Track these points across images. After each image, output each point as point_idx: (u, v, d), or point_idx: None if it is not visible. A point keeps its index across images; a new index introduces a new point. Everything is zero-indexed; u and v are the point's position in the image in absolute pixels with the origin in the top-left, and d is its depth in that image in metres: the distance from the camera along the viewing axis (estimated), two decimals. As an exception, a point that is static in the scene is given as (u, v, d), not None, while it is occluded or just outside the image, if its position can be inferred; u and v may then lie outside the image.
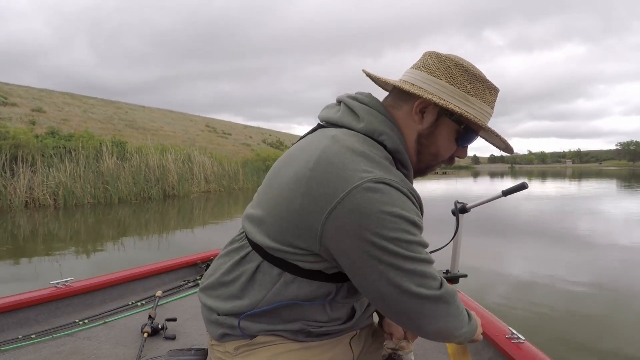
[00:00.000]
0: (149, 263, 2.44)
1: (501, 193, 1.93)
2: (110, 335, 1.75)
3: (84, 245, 6.66)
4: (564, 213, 10.87)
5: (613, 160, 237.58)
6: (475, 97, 0.81)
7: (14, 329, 1.72)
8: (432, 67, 0.82)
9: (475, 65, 0.84)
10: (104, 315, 1.92)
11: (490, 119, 0.84)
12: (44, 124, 18.01)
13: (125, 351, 1.60)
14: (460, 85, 0.80)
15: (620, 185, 23.94)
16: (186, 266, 2.53)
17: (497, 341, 1.46)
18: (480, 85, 0.81)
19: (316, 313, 0.87)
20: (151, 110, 35.79)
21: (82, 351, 1.59)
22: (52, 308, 1.87)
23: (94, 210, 10.78)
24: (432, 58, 0.83)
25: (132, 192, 12.94)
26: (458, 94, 0.80)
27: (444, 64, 0.81)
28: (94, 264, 5.43)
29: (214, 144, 27.47)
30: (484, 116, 0.82)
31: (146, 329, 1.70)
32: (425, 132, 0.83)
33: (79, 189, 11.57)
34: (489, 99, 0.83)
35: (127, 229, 8.41)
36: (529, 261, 5.56)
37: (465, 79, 0.81)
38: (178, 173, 14.98)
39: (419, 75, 0.82)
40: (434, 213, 3.66)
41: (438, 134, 0.83)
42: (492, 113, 0.84)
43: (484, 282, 4.45)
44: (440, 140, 0.83)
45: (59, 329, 1.74)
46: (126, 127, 24.00)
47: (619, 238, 7.17)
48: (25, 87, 26.44)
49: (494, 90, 0.84)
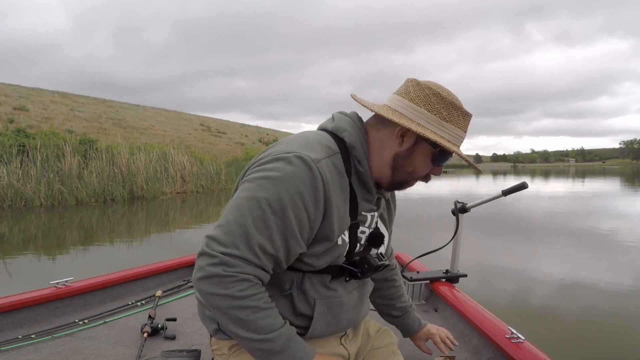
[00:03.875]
0: (149, 263, 2.44)
1: (501, 193, 1.93)
2: (110, 335, 1.75)
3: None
4: (570, 213, 10.83)
5: (616, 158, 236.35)
6: (449, 122, 0.91)
7: (13, 328, 1.72)
8: (413, 95, 0.91)
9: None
10: (103, 315, 1.92)
11: (462, 141, 0.95)
12: (23, 122, 17.51)
13: (125, 351, 1.61)
14: (437, 112, 0.90)
15: (624, 184, 23.81)
16: (186, 266, 2.53)
17: (497, 341, 1.46)
18: (455, 112, 0.91)
19: (282, 306, 0.93)
20: (144, 108, 35.60)
21: (82, 351, 1.59)
22: (51, 308, 1.87)
23: (47, 213, 9.89)
24: (413, 85, 0.92)
25: (93, 193, 11.97)
26: (435, 121, 0.90)
27: (423, 91, 0.91)
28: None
29: (205, 143, 27.09)
30: (457, 139, 0.93)
31: (146, 328, 1.70)
32: (403, 154, 0.93)
33: (29, 190, 10.69)
34: (462, 124, 0.93)
35: (66, 235, 7.38)
36: (529, 261, 5.53)
37: (442, 106, 0.90)
38: (147, 173, 13.86)
39: (401, 102, 0.92)
40: (435, 213, 3.64)
41: (415, 156, 0.93)
42: (464, 136, 0.95)
43: (484, 281, 4.44)
44: (417, 161, 0.94)
45: (59, 329, 1.75)
46: (113, 126, 23.50)
47: (624, 237, 7.14)
48: (14, 86, 26.36)
49: (467, 116, 0.93)
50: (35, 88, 27.66)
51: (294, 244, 0.85)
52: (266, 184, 0.82)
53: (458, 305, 1.87)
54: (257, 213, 0.81)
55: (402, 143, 0.92)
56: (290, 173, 0.83)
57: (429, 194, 16.16)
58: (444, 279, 2.19)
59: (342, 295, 0.98)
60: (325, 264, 0.92)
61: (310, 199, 0.83)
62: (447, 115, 0.90)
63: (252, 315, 0.82)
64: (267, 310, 0.84)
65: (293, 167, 0.83)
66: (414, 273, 2.22)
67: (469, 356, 1.59)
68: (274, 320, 0.85)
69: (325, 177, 0.85)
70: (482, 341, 1.60)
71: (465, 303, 1.86)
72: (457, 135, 0.92)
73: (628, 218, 9.72)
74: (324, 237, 0.89)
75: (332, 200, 0.86)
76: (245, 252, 0.80)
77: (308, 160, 0.84)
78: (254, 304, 0.82)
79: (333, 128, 0.96)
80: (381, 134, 0.94)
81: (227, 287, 0.80)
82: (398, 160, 0.93)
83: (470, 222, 2.68)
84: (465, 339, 1.72)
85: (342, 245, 0.93)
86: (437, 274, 2.20)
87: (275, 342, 0.84)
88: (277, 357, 0.84)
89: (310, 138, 0.92)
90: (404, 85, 0.95)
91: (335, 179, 0.88)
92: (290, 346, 0.85)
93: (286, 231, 0.83)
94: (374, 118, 0.97)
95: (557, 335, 3.09)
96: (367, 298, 1.13)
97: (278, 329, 0.84)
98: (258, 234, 0.81)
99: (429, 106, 0.90)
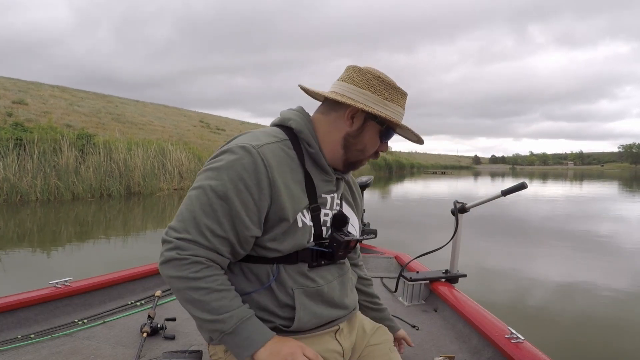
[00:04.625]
0: (148, 262, 2.43)
1: (500, 193, 1.93)
2: (110, 335, 1.74)
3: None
4: (568, 215, 10.86)
5: (615, 162, 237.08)
6: (391, 102, 1.00)
7: (12, 328, 1.71)
8: (356, 79, 1.00)
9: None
10: (103, 315, 1.92)
11: (403, 117, 1.04)
12: (22, 116, 17.32)
13: (125, 351, 1.60)
14: (380, 93, 0.99)
15: (622, 188, 23.89)
16: None
17: (497, 341, 1.46)
18: (394, 92, 1.01)
19: (266, 299, 0.97)
20: (144, 104, 35.45)
21: (82, 351, 1.58)
22: (51, 308, 1.86)
23: (42, 207, 9.78)
24: (355, 71, 1.01)
25: (90, 188, 11.83)
26: (379, 101, 0.99)
27: (365, 76, 1.00)
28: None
29: (204, 140, 27.06)
30: (399, 116, 1.02)
31: (145, 328, 1.70)
32: (354, 133, 1.01)
33: (24, 184, 10.63)
34: (401, 102, 1.03)
35: (61, 230, 7.36)
36: (528, 262, 5.55)
37: (383, 87, 0.99)
38: (145, 169, 13.73)
39: (347, 87, 1.00)
40: (434, 213, 3.64)
41: (365, 134, 1.02)
42: (403, 113, 1.04)
43: (484, 281, 4.45)
44: (367, 139, 1.02)
45: (58, 329, 1.74)
46: (112, 121, 23.35)
47: (625, 240, 7.16)
48: (14, 80, 26.14)
49: (404, 94, 1.03)
50: (35, 82, 27.49)
51: (242, 227, 0.90)
52: (211, 174, 0.90)
53: (457, 305, 1.87)
54: (204, 199, 0.88)
55: (352, 124, 1.00)
56: (232, 160, 0.90)
57: (428, 194, 16.19)
58: (444, 279, 2.20)
59: (321, 285, 1.01)
60: (290, 247, 0.95)
61: (252, 182, 0.89)
62: (388, 95, 0.99)
63: (206, 296, 0.87)
64: (222, 292, 0.88)
65: (235, 156, 0.90)
66: (413, 273, 2.22)
67: (468, 356, 1.60)
68: (228, 303, 0.88)
69: (267, 159, 0.90)
70: (482, 341, 1.60)
71: (464, 303, 1.86)
72: (399, 112, 1.02)
73: (626, 222, 9.75)
74: (278, 218, 0.93)
75: (277, 181, 0.91)
76: (196, 235, 0.87)
77: (248, 147, 0.91)
78: (207, 285, 0.87)
79: (279, 120, 1.05)
80: (330, 117, 1.02)
81: (182, 269, 0.86)
82: (349, 140, 1.01)
83: (469, 223, 2.68)
84: (464, 339, 1.72)
85: (304, 228, 0.97)
86: (437, 274, 2.20)
87: (227, 323, 0.87)
88: (231, 338, 0.88)
89: (256, 132, 1.00)
90: (345, 72, 1.04)
91: (283, 161, 0.94)
92: (244, 328, 0.88)
93: (232, 213, 0.88)
94: (322, 106, 1.06)
95: (556, 336, 3.10)
96: (352, 290, 1.15)
97: (231, 311, 0.88)
98: (206, 218, 0.88)
99: (372, 88, 0.99)
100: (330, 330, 1.05)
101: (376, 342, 1.14)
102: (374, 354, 1.11)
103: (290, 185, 0.94)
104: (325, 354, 1.01)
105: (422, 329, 1.87)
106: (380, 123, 1.00)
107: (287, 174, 0.94)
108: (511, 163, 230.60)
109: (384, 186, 22.88)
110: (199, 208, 0.88)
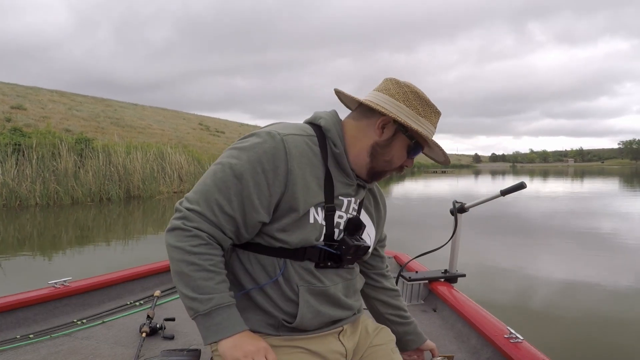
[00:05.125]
0: (147, 263, 2.44)
1: (499, 193, 1.93)
2: (109, 335, 1.75)
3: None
4: (565, 212, 10.85)
5: (615, 159, 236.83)
6: (424, 118, 1.00)
7: (12, 328, 1.72)
8: (393, 91, 1.00)
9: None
10: (102, 315, 1.92)
11: (433, 136, 1.03)
12: (21, 121, 17.39)
13: (124, 351, 1.60)
14: (414, 107, 0.99)
15: (623, 184, 23.87)
16: None
17: (496, 341, 1.46)
18: (428, 109, 1.00)
19: (273, 292, 0.97)
20: (143, 108, 35.54)
21: (81, 351, 1.59)
22: (50, 308, 1.87)
23: (42, 212, 9.78)
24: (393, 84, 1.01)
25: (89, 192, 11.86)
26: (412, 115, 0.98)
27: (402, 89, 1.00)
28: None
29: (204, 142, 27.19)
30: (429, 134, 1.01)
31: (144, 328, 1.70)
32: (382, 143, 1.01)
33: (24, 189, 10.64)
34: (434, 120, 1.02)
35: (61, 235, 7.34)
36: (528, 261, 5.54)
37: (418, 102, 0.99)
38: (144, 172, 13.75)
39: (382, 97, 1.00)
40: (434, 213, 3.64)
41: (393, 146, 1.01)
42: (434, 131, 1.03)
43: (483, 281, 4.45)
44: (395, 151, 1.01)
45: (57, 329, 1.74)
46: (111, 125, 23.47)
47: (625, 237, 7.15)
48: (12, 85, 26.24)
49: (437, 113, 1.03)
50: (34, 87, 27.59)
51: (250, 208, 0.91)
52: (234, 152, 0.93)
53: (457, 305, 1.87)
54: (220, 175, 0.91)
55: (382, 133, 1.00)
56: (256, 143, 0.92)
57: (428, 193, 16.18)
58: (443, 279, 2.19)
59: (327, 285, 1.01)
60: (298, 241, 0.94)
61: (270, 167, 0.90)
62: (422, 111, 0.99)
63: (195, 273, 0.87)
64: (210, 273, 0.89)
65: (259, 139, 0.93)
66: (412, 273, 2.22)
67: (467, 356, 1.59)
68: (213, 285, 0.89)
69: (289, 148, 0.92)
70: (481, 341, 1.60)
71: (464, 303, 1.86)
72: (430, 130, 1.01)
73: (627, 218, 9.74)
74: (288, 207, 0.93)
75: (295, 171, 0.92)
76: (205, 208, 0.89)
77: (274, 133, 0.93)
78: (199, 262, 0.88)
79: (311, 118, 1.06)
80: (361, 124, 1.02)
81: (182, 240, 0.88)
82: (377, 149, 1.01)
83: (469, 222, 2.67)
84: (463, 339, 1.72)
85: (315, 225, 0.96)
86: (436, 274, 2.20)
87: (203, 304, 0.88)
88: (204, 320, 0.89)
89: (287, 123, 1.02)
90: (383, 83, 1.04)
91: (304, 154, 0.94)
92: (218, 314, 0.89)
93: (243, 193, 0.90)
94: (355, 112, 1.06)
95: (555, 335, 3.09)
96: (358, 294, 1.15)
97: (212, 294, 0.88)
98: (217, 193, 0.90)
99: (407, 102, 0.98)
100: (334, 331, 1.05)
101: (379, 342, 1.14)
102: (376, 354, 1.11)
103: (307, 178, 0.94)
104: (328, 354, 1.01)
105: (421, 329, 1.86)
106: (410, 137, 1.00)
107: (307, 167, 0.94)
108: (511, 161, 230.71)
109: (384, 186, 22.88)
110: (214, 183, 0.90)
